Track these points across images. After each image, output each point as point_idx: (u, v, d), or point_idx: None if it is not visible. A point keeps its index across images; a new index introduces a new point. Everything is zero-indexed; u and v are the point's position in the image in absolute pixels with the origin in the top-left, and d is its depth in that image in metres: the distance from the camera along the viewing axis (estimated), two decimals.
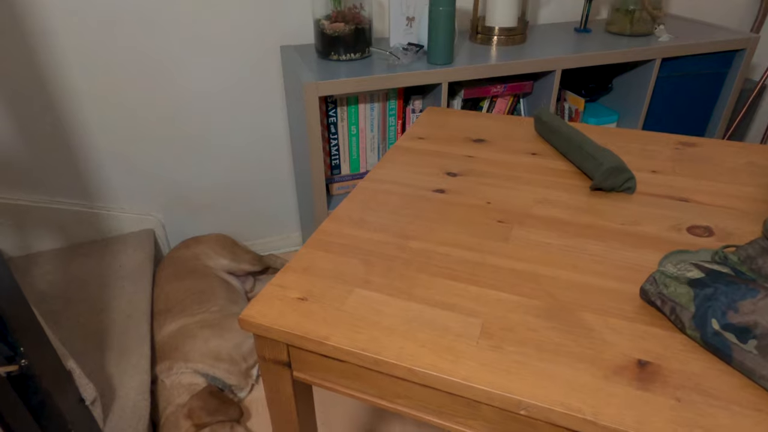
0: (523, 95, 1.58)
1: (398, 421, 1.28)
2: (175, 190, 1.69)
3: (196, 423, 1.13)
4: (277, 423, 0.66)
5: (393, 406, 0.57)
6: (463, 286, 0.61)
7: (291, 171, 1.78)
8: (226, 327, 1.34)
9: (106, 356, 1.21)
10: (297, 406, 0.64)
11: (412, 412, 0.56)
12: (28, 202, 1.52)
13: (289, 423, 0.65)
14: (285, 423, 0.66)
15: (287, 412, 0.64)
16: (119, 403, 1.10)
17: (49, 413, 0.87)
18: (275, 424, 0.67)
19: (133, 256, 1.56)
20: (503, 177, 0.85)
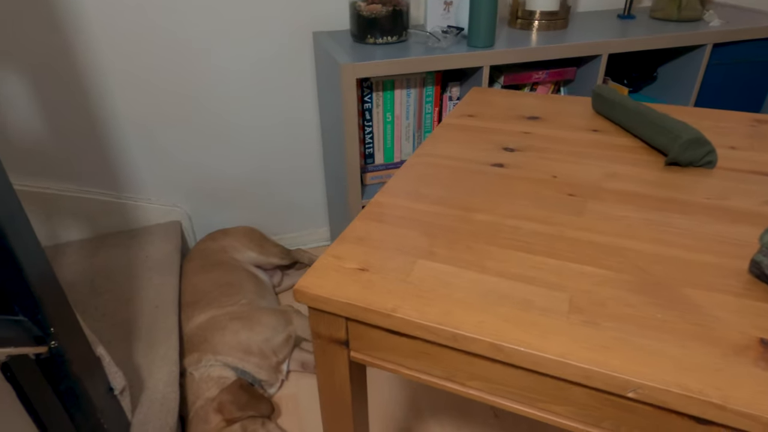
0: (564, 83, 1.51)
1: (435, 420, 1.21)
2: (202, 181, 1.65)
3: (226, 418, 1.07)
4: (329, 409, 0.60)
5: (464, 389, 0.51)
6: (540, 259, 0.54)
7: (320, 163, 1.73)
8: (256, 320, 1.29)
9: (134, 347, 1.17)
10: (352, 390, 0.58)
11: (487, 396, 0.50)
12: (57, 191, 1.49)
13: (342, 408, 0.59)
14: (337, 408, 0.60)
15: (341, 396, 0.58)
16: (148, 394, 1.05)
17: (78, 401, 0.82)
18: (326, 411, 0.61)
19: (160, 247, 1.52)
20: (566, 152, 0.78)
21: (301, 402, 1.28)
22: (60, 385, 0.79)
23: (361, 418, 0.62)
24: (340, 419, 0.60)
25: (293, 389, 1.32)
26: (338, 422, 0.60)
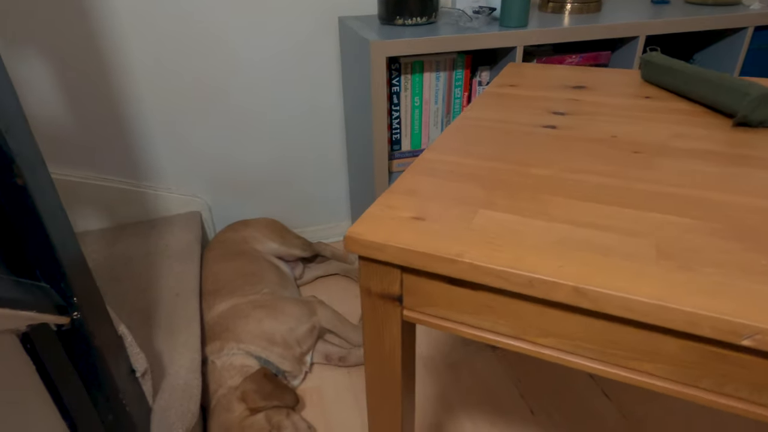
0: None
1: (466, 416, 1.15)
2: (223, 172, 1.61)
3: (250, 407, 1.02)
4: (376, 375, 0.55)
5: (535, 348, 0.45)
6: (613, 209, 0.49)
7: (343, 156, 1.69)
8: (279, 309, 1.24)
9: (154, 333, 1.12)
10: (402, 355, 0.52)
11: (562, 355, 0.44)
12: (77, 178, 1.47)
13: (390, 375, 0.54)
14: (385, 374, 0.54)
15: (390, 362, 0.53)
16: (169, 381, 1.00)
17: (99, 379, 0.77)
18: (372, 377, 0.56)
19: (180, 236, 1.48)
20: (621, 116, 0.73)
21: (326, 395, 1.23)
22: (81, 361, 0.75)
23: (409, 387, 0.57)
24: (387, 387, 0.55)
25: (317, 382, 1.27)
26: (385, 391, 0.55)
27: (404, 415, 0.56)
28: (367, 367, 0.55)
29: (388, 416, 0.56)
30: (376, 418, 0.58)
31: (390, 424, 0.56)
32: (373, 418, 0.58)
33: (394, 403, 0.55)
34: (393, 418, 0.56)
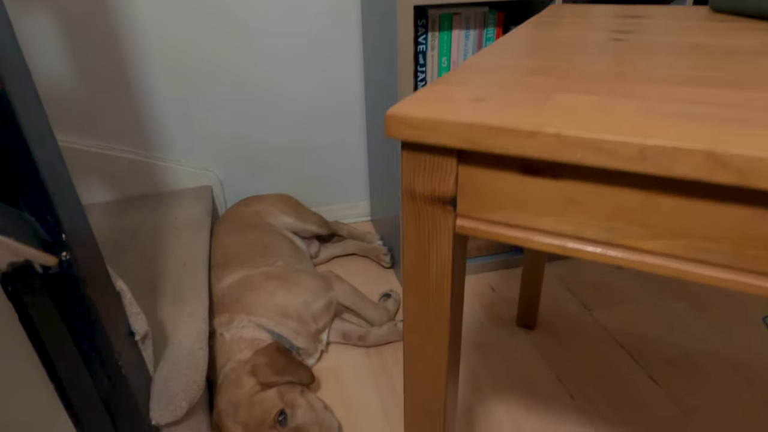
0: None
1: (498, 399, 1.04)
2: (236, 146, 1.53)
3: (261, 381, 0.92)
4: (418, 308, 0.45)
5: (638, 257, 0.35)
6: (729, 92, 0.38)
7: (362, 129, 1.60)
8: (294, 281, 1.14)
9: (159, 303, 1.03)
10: (452, 282, 0.42)
11: (674, 263, 0.34)
12: (82, 146, 1.39)
13: (436, 306, 0.44)
14: (429, 307, 0.44)
15: (437, 290, 0.43)
16: (173, 351, 0.91)
17: (92, 335, 0.68)
18: (412, 310, 0.45)
19: (189, 209, 1.40)
20: (697, 31, 0.62)
21: (343, 375, 1.12)
22: (71, 311, 0.66)
23: (457, 325, 0.46)
24: (430, 324, 0.44)
25: (334, 362, 1.16)
26: (428, 328, 0.45)
27: (450, 361, 0.46)
28: (406, 300, 0.45)
29: (431, 361, 0.46)
30: (414, 366, 0.47)
31: (432, 371, 0.46)
32: (411, 366, 0.48)
33: (438, 344, 0.45)
34: (436, 363, 0.46)
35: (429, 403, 0.49)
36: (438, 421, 0.50)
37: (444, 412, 0.49)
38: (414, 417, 0.51)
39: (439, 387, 0.48)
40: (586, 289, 1.37)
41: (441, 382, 0.47)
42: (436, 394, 0.48)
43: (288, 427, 0.91)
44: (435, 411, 0.49)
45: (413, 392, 0.49)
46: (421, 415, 0.50)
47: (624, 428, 0.98)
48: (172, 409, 0.81)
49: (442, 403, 0.48)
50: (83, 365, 0.70)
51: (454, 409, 0.54)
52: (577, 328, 1.23)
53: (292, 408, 0.92)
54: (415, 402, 0.50)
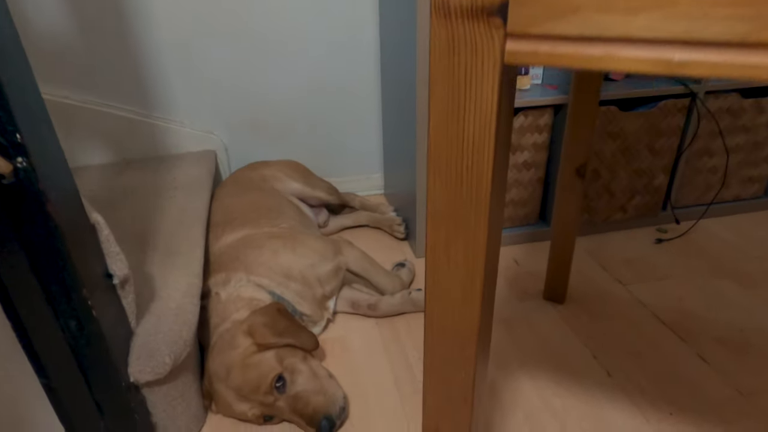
0: None
1: (525, 373, 0.92)
2: (244, 109, 1.43)
3: (258, 342, 0.82)
4: (446, 188, 0.34)
5: (742, 55, 0.23)
6: None
7: (377, 95, 1.49)
8: (299, 242, 1.04)
9: (148, 256, 0.93)
10: (496, 143, 0.31)
11: None
12: (78, 102, 1.30)
13: (473, 178, 0.32)
14: (462, 182, 0.33)
15: (476, 157, 0.32)
16: (159, 304, 0.81)
17: (57, 265, 0.58)
18: (439, 192, 0.34)
19: (190, 171, 1.30)
20: None
21: (351, 346, 1.01)
22: (31, 234, 0.56)
23: (497, 218, 0.35)
24: (464, 213, 0.33)
25: (341, 332, 1.05)
26: (460, 219, 0.34)
27: (487, 269, 0.35)
28: (431, 181, 0.34)
29: (461, 272, 0.35)
30: (439, 282, 0.36)
31: (463, 287, 0.35)
32: (435, 283, 0.37)
33: (472, 242, 0.34)
34: (468, 271, 0.35)
35: (456, 336, 0.38)
36: (467, 372, 0.39)
37: (475, 357, 0.38)
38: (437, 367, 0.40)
39: (470, 311, 0.37)
40: (619, 264, 1.24)
41: (474, 304, 0.36)
42: (466, 320, 0.37)
43: (286, 394, 0.80)
44: (465, 355, 0.38)
45: (438, 319, 0.38)
46: (446, 359, 0.39)
47: (672, 408, 0.85)
48: (154, 365, 0.71)
49: (472, 337, 0.37)
50: (46, 302, 0.60)
51: (487, 353, 0.43)
52: (611, 303, 1.11)
53: (292, 373, 0.81)
54: (438, 339, 0.39)
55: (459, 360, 0.38)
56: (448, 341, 0.38)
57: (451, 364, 0.39)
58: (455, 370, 0.38)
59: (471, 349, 0.37)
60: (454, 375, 0.39)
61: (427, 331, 0.38)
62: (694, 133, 1.28)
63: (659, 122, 1.25)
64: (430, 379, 0.40)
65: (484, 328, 0.38)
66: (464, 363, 0.38)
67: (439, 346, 0.39)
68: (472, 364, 0.38)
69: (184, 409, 0.80)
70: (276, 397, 0.79)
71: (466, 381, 0.38)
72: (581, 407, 0.86)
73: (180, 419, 0.80)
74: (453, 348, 0.38)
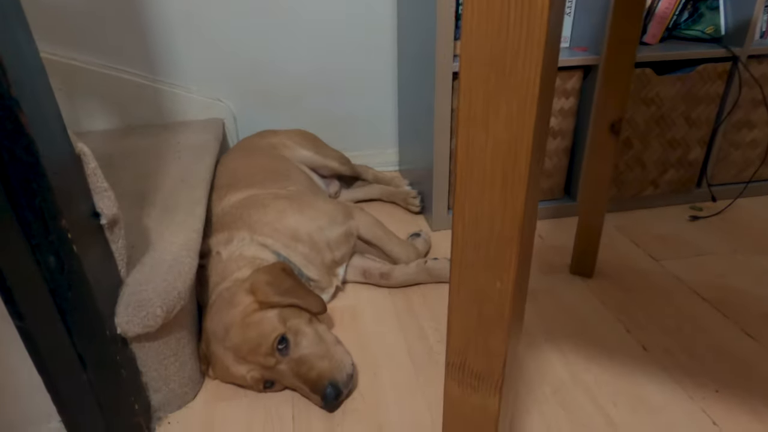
0: None
1: (552, 346, 0.83)
2: (253, 76, 1.37)
3: (260, 300, 0.75)
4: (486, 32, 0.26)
5: None
6: None
7: (393, 66, 1.42)
8: (307, 203, 0.97)
9: (146, 212, 0.87)
10: None
11: None
12: (82, 63, 1.25)
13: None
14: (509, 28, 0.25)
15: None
16: (155, 256, 0.74)
17: (32, 190, 0.52)
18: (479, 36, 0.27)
19: (195, 137, 1.24)
20: None
21: (362, 315, 0.94)
22: (3, 149, 0.49)
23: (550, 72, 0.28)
24: (511, 61, 0.26)
25: (351, 301, 0.98)
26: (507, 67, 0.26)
27: (537, 128, 0.27)
28: (466, 32, 0.27)
29: (505, 130, 0.27)
30: (473, 155, 0.29)
31: (508, 157, 0.27)
32: (468, 156, 0.29)
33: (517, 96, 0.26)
34: (515, 139, 0.27)
35: (491, 231, 0.30)
36: (504, 280, 0.31)
37: (517, 258, 0.30)
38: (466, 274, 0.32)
39: (512, 194, 0.29)
40: (652, 240, 1.15)
41: (519, 177, 0.28)
42: (507, 207, 0.29)
43: (289, 357, 0.73)
44: (503, 256, 0.30)
45: (470, 206, 0.30)
46: (479, 261, 0.31)
47: (718, 385, 0.76)
48: (144, 316, 0.64)
49: (513, 235, 0.30)
50: (21, 232, 0.53)
51: (528, 257, 0.35)
52: (644, 278, 1.02)
53: (296, 335, 0.74)
54: (469, 233, 0.31)
55: (495, 263, 0.30)
56: (481, 238, 0.31)
57: (484, 269, 0.31)
58: (489, 276, 0.31)
59: (511, 248, 0.30)
60: (488, 283, 0.31)
61: (456, 222, 0.31)
62: (734, 101, 1.19)
63: (697, 88, 1.16)
64: (457, 292, 0.33)
65: (527, 223, 0.30)
66: (501, 267, 0.30)
67: (470, 244, 0.31)
68: (512, 267, 0.30)
69: (178, 370, 0.73)
70: (278, 360, 0.72)
71: (502, 292, 0.31)
72: (615, 382, 0.78)
73: (173, 381, 0.73)
74: (488, 246, 0.30)
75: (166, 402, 0.73)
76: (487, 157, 0.28)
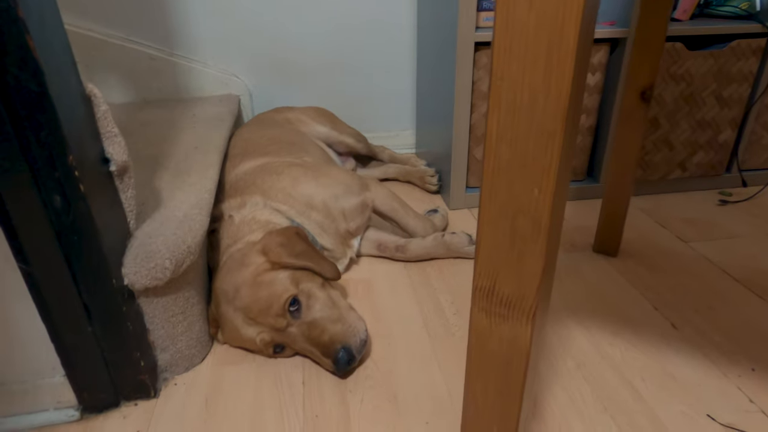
0: None
1: (575, 322, 0.80)
2: (270, 52, 1.35)
3: (272, 260, 0.72)
4: None
5: None
6: None
7: (412, 44, 1.39)
8: (323, 172, 0.94)
9: (157, 175, 0.85)
10: None
11: None
12: (101, 35, 1.24)
13: None
14: None
15: None
16: (165, 213, 0.72)
17: (37, 120, 0.50)
18: None
19: (210, 110, 1.22)
20: None
21: (377, 287, 0.91)
22: (4, 68, 0.47)
23: None
24: None
25: (366, 274, 0.95)
26: None
27: None
28: None
29: None
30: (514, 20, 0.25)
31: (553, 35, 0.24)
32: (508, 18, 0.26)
33: None
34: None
35: (529, 128, 0.27)
36: (542, 187, 0.28)
37: (558, 162, 0.27)
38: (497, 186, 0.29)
39: (559, 71, 0.26)
40: (679, 223, 1.10)
41: (565, 58, 0.25)
42: (551, 92, 0.26)
43: (301, 319, 0.70)
44: (540, 161, 0.27)
45: (507, 92, 0.27)
46: (514, 167, 0.28)
47: (754, 363, 0.72)
48: (152, 268, 0.62)
49: (557, 129, 0.26)
50: (26, 166, 0.51)
51: (569, 164, 0.32)
52: (672, 258, 0.97)
53: (309, 298, 0.71)
54: (506, 125, 0.28)
55: (533, 163, 0.27)
56: (519, 131, 0.27)
57: (520, 173, 0.28)
58: (526, 182, 0.27)
59: (553, 144, 0.27)
60: (524, 191, 0.28)
61: (491, 113, 0.27)
62: None
63: (730, 65, 1.11)
64: (488, 203, 0.29)
65: (572, 115, 0.27)
66: (540, 169, 0.27)
67: (505, 140, 0.28)
68: (552, 170, 0.27)
69: (186, 330, 0.70)
70: (289, 322, 0.69)
71: (540, 202, 0.27)
72: (642, 358, 0.73)
73: (180, 341, 0.70)
74: (526, 142, 0.27)
75: (173, 362, 0.71)
76: (530, 30, 0.25)
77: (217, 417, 0.65)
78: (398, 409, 0.66)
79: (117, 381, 0.66)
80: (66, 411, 0.65)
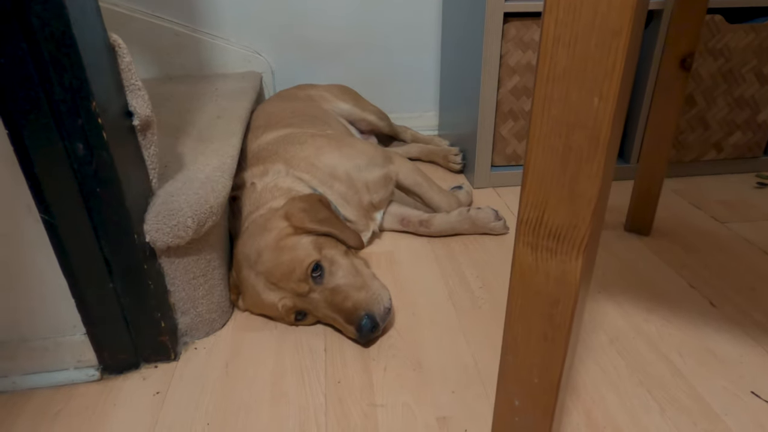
0: None
1: (607, 297, 0.76)
2: (293, 29, 1.34)
3: (294, 225, 0.70)
4: None
5: None
6: None
7: (437, 22, 1.37)
8: (346, 143, 0.92)
9: (180, 141, 0.84)
10: None
11: None
12: (127, 10, 1.24)
13: None
14: None
15: None
16: (187, 174, 0.70)
17: (61, 63, 0.48)
18: None
19: (233, 84, 1.21)
20: None
21: (400, 260, 0.89)
22: (29, 6, 0.46)
23: None
24: None
25: (389, 247, 0.93)
26: None
27: None
28: None
29: None
30: None
31: None
32: None
33: None
34: None
35: None
36: (605, 102, 0.25)
37: (622, 71, 0.24)
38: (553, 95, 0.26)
39: None
40: (714, 204, 1.06)
41: None
42: None
43: (324, 285, 0.68)
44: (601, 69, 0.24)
45: None
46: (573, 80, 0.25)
47: None
48: (174, 225, 0.61)
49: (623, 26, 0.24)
50: (49, 112, 0.50)
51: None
52: (708, 238, 0.93)
53: (332, 264, 0.69)
54: None
55: (595, 67, 0.25)
56: (579, 30, 0.25)
57: (577, 80, 0.25)
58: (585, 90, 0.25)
59: (618, 45, 0.24)
60: (582, 101, 0.25)
61: (547, 11, 0.25)
62: None
63: None
64: (539, 119, 0.27)
65: (639, 15, 0.24)
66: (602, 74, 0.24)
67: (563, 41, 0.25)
68: (616, 75, 0.24)
69: (206, 293, 0.69)
70: (311, 288, 0.68)
71: (600, 112, 0.25)
72: (679, 335, 0.70)
73: (201, 305, 0.69)
74: (587, 44, 0.24)
75: (194, 326, 0.70)
76: None
77: (237, 381, 0.64)
78: (423, 377, 0.64)
79: (137, 342, 0.65)
80: (86, 370, 0.65)
